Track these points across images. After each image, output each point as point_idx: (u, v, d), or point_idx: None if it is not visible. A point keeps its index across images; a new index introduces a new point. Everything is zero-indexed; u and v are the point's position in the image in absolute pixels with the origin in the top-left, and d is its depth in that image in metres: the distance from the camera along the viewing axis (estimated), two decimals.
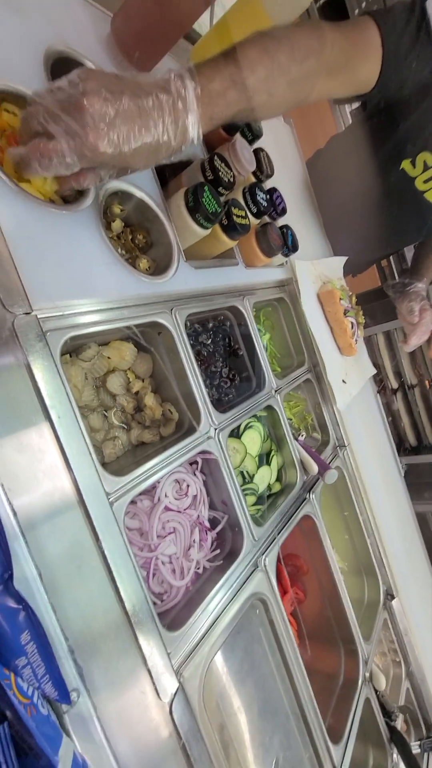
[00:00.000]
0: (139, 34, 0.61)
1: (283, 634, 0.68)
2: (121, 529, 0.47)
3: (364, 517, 1.05)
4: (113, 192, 0.59)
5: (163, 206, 0.65)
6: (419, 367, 2.14)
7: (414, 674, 1.09)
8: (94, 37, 0.61)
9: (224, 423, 0.68)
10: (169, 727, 0.46)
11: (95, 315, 0.51)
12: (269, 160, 0.89)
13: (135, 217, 0.67)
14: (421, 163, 0.95)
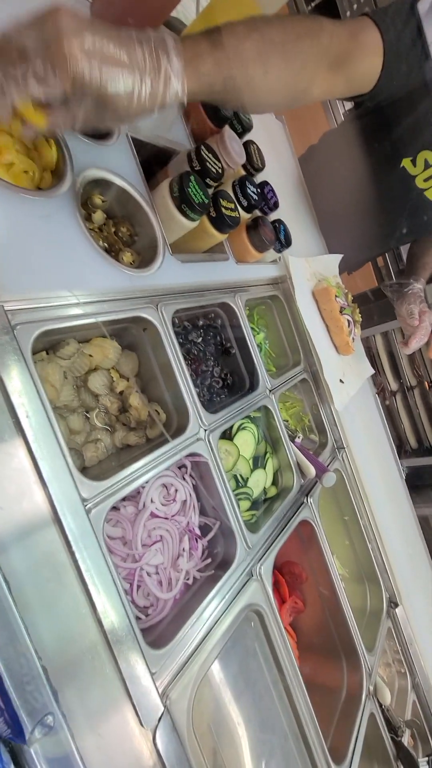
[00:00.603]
0: (119, 19, 0.59)
1: (281, 647, 0.64)
2: (99, 538, 0.43)
3: (364, 522, 1.01)
4: (92, 180, 0.56)
5: (147, 197, 0.62)
6: (418, 368, 2.12)
7: (420, 686, 1.05)
8: None
9: (215, 424, 0.65)
10: (153, 757, 0.42)
11: (71, 309, 0.48)
12: (260, 154, 0.86)
13: (118, 209, 0.64)
14: (422, 162, 0.95)
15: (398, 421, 2.16)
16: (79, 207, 0.52)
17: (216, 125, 0.77)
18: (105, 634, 0.41)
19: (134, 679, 0.42)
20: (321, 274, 1.08)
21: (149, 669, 0.44)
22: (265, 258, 0.90)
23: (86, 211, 0.59)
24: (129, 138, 0.62)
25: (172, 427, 0.62)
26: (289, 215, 1.00)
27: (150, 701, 0.43)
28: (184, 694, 0.47)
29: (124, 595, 0.44)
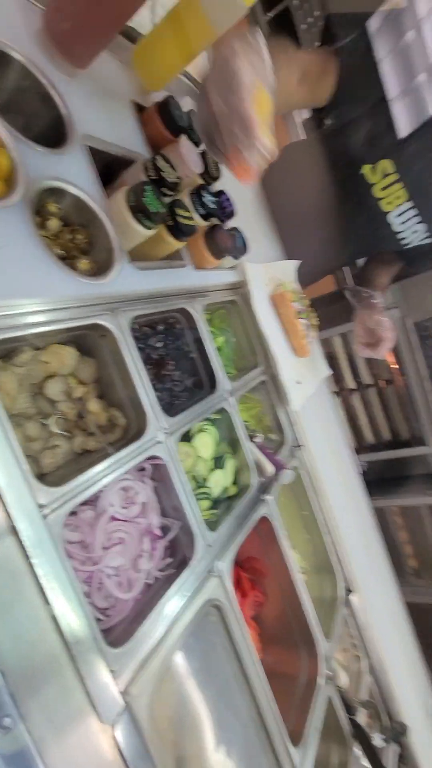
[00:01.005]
0: (71, 29, 0.59)
1: (241, 640, 0.67)
2: (57, 543, 0.44)
3: (322, 516, 1.06)
4: (47, 188, 0.56)
5: (103, 205, 0.63)
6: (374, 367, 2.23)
7: (375, 668, 1.12)
8: (24, 30, 0.59)
9: (174, 427, 0.67)
10: (114, 752, 0.43)
11: (26, 317, 0.48)
12: (216, 163, 0.89)
13: (75, 217, 0.64)
14: (381, 171, 0.98)
15: (356, 419, 2.27)
16: (33, 215, 0.52)
17: (173, 134, 0.79)
18: (63, 637, 0.42)
19: (94, 679, 0.43)
20: (278, 279, 1.13)
21: (109, 667, 0.46)
22: (224, 264, 0.93)
23: (41, 219, 0.59)
24: (84, 146, 0.63)
25: (132, 431, 0.64)
26: (246, 223, 1.04)
27: (110, 698, 0.44)
28: (145, 690, 0.49)
29: (83, 598, 0.45)
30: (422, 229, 1.04)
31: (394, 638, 1.29)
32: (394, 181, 0.98)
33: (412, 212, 1.02)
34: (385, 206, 1.03)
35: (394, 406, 2.15)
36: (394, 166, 0.96)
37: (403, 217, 1.03)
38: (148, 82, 0.79)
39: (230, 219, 0.91)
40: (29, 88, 0.59)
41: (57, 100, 0.61)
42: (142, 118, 0.78)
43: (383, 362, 2.11)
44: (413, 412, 2.03)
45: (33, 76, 0.59)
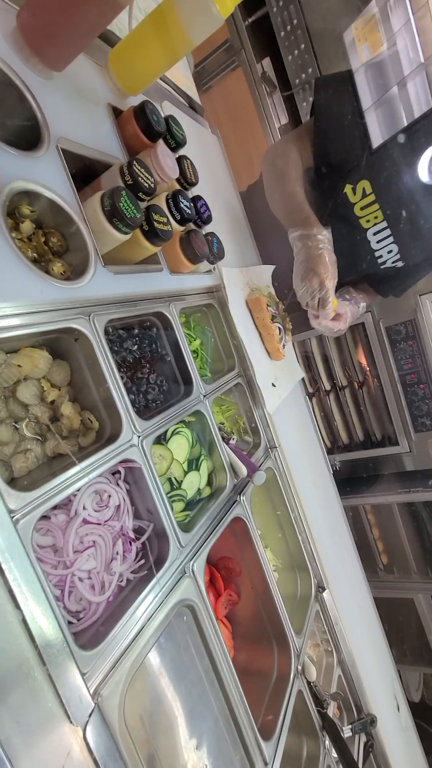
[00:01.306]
0: (46, 32, 0.59)
1: (213, 638, 0.68)
2: (28, 548, 0.44)
3: (295, 515, 1.09)
4: (20, 191, 0.56)
5: (78, 209, 0.63)
6: (349, 369, 2.29)
7: (345, 661, 1.15)
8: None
9: (148, 430, 0.67)
10: (84, 752, 0.44)
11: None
12: (193, 169, 0.90)
13: (49, 220, 0.64)
14: (361, 190, 1.04)
15: (331, 419, 2.33)
16: (5, 218, 0.52)
17: (149, 139, 0.80)
18: (34, 641, 0.42)
19: (64, 682, 0.44)
20: (254, 284, 1.15)
21: (80, 670, 0.46)
22: (200, 268, 0.94)
23: (13, 221, 0.58)
24: (59, 149, 0.63)
25: (105, 434, 0.64)
26: (222, 228, 1.05)
27: (80, 700, 0.45)
28: (116, 690, 0.50)
29: (54, 602, 0.45)
30: (395, 249, 1.10)
31: (364, 632, 1.34)
32: (371, 202, 1.04)
33: (387, 232, 1.07)
34: (364, 224, 1.08)
35: (368, 407, 2.21)
36: (372, 187, 1.01)
37: (379, 236, 1.09)
38: (125, 85, 0.79)
39: (207, 224, 0.93)
40: (2, 90, 0.59)
41: (31, 102, 0.61)
42: (118, 122, 0.79)
43: (358, 364, 2.18)
44: (386, 413, 2.11)
45: (6, 77, 0.58)
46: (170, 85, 1.11)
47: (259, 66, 2.03)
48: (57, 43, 0.61)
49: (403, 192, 1.02)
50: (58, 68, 0.65)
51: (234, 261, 1.10)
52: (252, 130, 2.07)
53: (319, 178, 1.11)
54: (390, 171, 1.00)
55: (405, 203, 1.03)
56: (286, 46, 1.95)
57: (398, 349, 1.95)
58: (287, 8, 1.91)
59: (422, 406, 1.98)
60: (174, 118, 0.85)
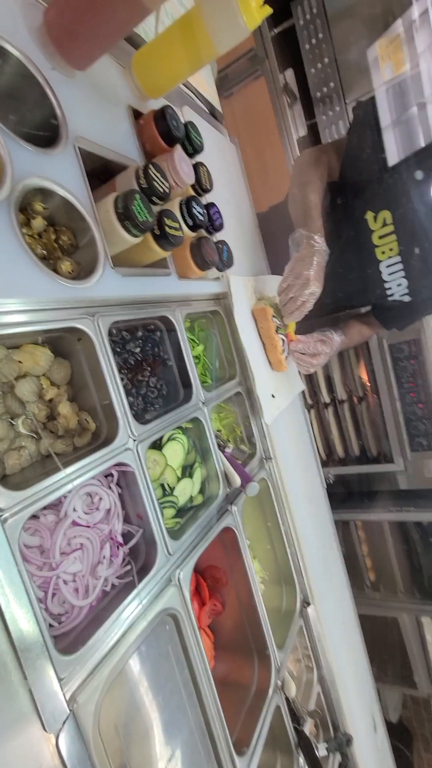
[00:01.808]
0: (72, 31, 0.59)
1: (194, 649, 0.68)
2: (14, 548, 0.43)
3: (285, 528, 1.08)
4: (34, 188, 0.56)
5: (90, 208, 0.63)
6: (349, 384, 2.29)
7: (325, 678, 1.14)
8: (23, 26, 0.58)
9: (144, 434, 0.67)
10: (56, 760, 0.43)
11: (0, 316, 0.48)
12: (209, 175, 0.90)
13: (61, 217, 0.64)
14: (382, 220, 1.07)
15: (329, 432, 2.32)
16: (17, 213, 0.52)
17: (167, 144, 0.80)
18: (12, 643, 0.41)
19: (41, 686, 0.43)
20: (261, 293, 1.15)
21: (57, 675, 0.46)
22: (208, 275, 0.94)
23: (25, 217, 0.58)
24: (76, 148, 0.63)
25: (101, 436, 0.64)
26: (234, 236, 1.06)
27: (55, 706, 0.44)
28: (92, 698, 0.49)
29: (36, 604, 0.45)
30: (405, 284, 1.11)
31: (346, 650, 1.33)
32: (390, 232, 1.05)
33: (399, 266, 1.09)
34: (379, 254, 1.10)
35: (366, 422, 2.21)
36: (393, 219, 1.03)
37: (391, 268, 1.11)
38: (147, 88, 0.79)
39: (219, 232, 0.93)
40: (25, 85, 0.59)
41: (52, 100, 0.61)
42: (137, 124, 0.79)
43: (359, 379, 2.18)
44: (383, 430, 2.10)
45: (29, 73, 0.58)
46: (192, 90, 1.11)
47: (281, 77, 2.04)
48: (82, 43, 0.61)
49: (421, 228, 1.03)
50: (81, 67, 0.65)
51: (243, 270, 1.10)
52: (269, 139, 2.08)
53: (342, 194, 1.12)
54: (412, 206, 1.02)
55: (421, 240, 1.04)
56: (310, 59, 1.96)
57: (400, 367, 1.95)
58: (314, 22, 1.92)
59: (420, 425, 1.98)
60: (193, 124, 0.85)
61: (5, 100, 0.58)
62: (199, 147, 0.87)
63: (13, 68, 0.57)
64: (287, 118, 2.06)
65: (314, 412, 2.31)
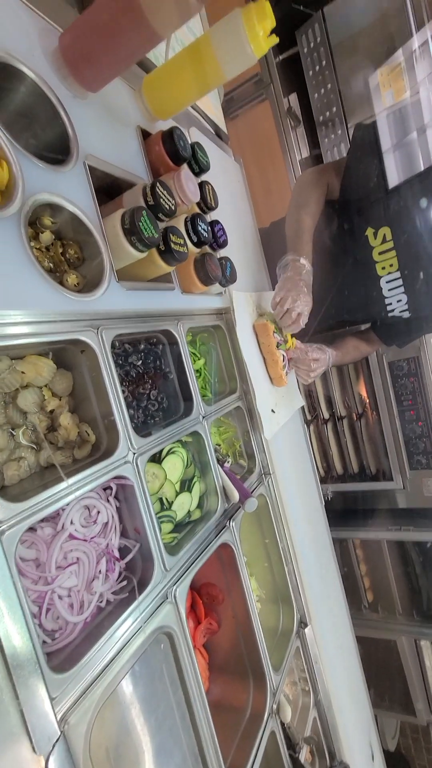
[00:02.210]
0: (87, 55, 0.62)
1: (188, 669, 0.66)
2: (11, 560, 0.43)
3: (283, 544, 1.07)
4: (44, 203, 0.57)
5: (98, 223, 0.64)
6: (349, 400, 2.29)
7: (321, 703, 1.11)
8: (39, 49, 0.60)
9: (144, 447, 0.67)
10: None
11: (6, 328, 0.48)
12: (214, 194, 0.92)
13: (68, 232, 0.65)
14: (381, 236, 1.10)
15: (327, 448, 2.31)
16: (26, 227, 0.53)
17: (174, 163, 0.82)
18: (5, 659, 0.41)
19: (32, 705, 0.42)
20: (262, 309, 1.16)
21: (49, 694, 0.45)
22: (211, 290, 0.95)
23: (34, 231, 0.59)
24: (86, 166, 0.65)
25: (101, 448, 0.63)
26: (237, 253, 1.07)
27: (46, 727, 0.43)
28: (84, 719, 0.48)
29: (30, 619, 0.44)
30: (404, 300, 1.13)
31: (343, 674, 1.30)
32: (389, 249, 1.08)
33: (399, 282, 1.11)
34: (380, 270, 1.12)
35: (365, 439, 2.21)
36: (392, 235, 1.06)
37: (391, 284, 1.13)
38: (157, 110, 0.82)
39: (222, 248, 0.94)
40: (38, 105, 0.61)
41: (64, 119, 0.62)
42: (146, 144, 0.81)
43: (358, 396, 2.18)
44: (382, 447, 2.09)
45: (43, 94, 0.60)
46: (199, 112, 1.15)
47: (285, 100, 2.10)
48: (95, 67, 0.63)
49: (420, 245, 1.06)
50: (93, 89, 0.67)
51: (246, 286, 1.11)
52: (273, 160, 2.13)
53: (343, 212, 1.15)
54: (411, 222, 1.05)
55: (420, 256, 1.07)
56: (313, 85, 2.03)
57: (399, 384, 1.95)
58: (317, 50, 1.99)
59: (419, 443, 1.98)
60: (200, 144, 0.87)
61: (19, 118, 0.60)
62: (205, 167, 0.89)
63: (28, 89, 0.59)
64: (290, 140, 2.11)
65: (313, 427, 2.30)
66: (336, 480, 2.33)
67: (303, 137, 2.11)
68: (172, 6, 0.56)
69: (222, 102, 1.44)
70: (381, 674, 2.21)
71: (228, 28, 0.67)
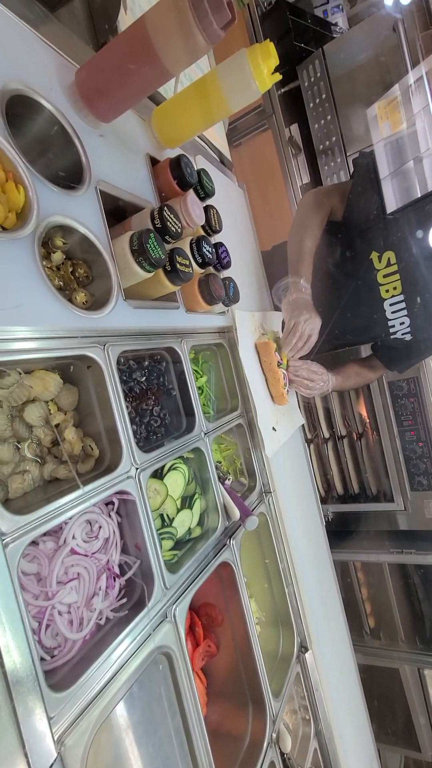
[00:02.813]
0: (101, 89, 0.65)
1: (187, 692, 0.65)
2: (13, 574, 0.43)
3: (283, 565, 1.06)
4: (57, 225, 0.59)
5: (107, 245, 0.67)
6: (349, 419, 2.30)
7: (322, 733, 1.08)
8: (57, 84, 0.64)
9: (147, 463, 0.67)
10: None
11: (16, 343, 0.50)
12: (218, 217, 0.96)
13: (78, 252, 0.67)
14: (386, 260, 1.14)
15: (327, 468, 2.30)
16: (39, 247, 0.55)
17: (181, 189, 0.85)
18: (5, 675, 0.40)
19: (30, 724, 0.41)
20: (264, 328, 1.18)
21: (47, 713, 0.44)
22: (214, 309, 0.98)
23: (46, 251, 0.62)
24: (97, 190, 0.67)
25: (104, 463, 0.64)
26: (240, 274, 1.10)
27: (43, 747, 0.42)
28: (81, 741, 0.47)
29: (31, 635, 0.44)
30: (407, 323, 1.16)
31: (344, 702, 1.26)
32: (394, 272, 1.12)
33: (402, 305, 1.14)
34: (383, 293, 1.16)
35: (365, 459, 2.20)
36: (396, 259, 1.10)
37: (394, 307, 1.17)
38: (165, 140, 0.86)
39: (226, 269, 0.97)
40: (55, 134, 0.64)
41: (78, 147, 0.66)
42: (154, 170, 0.85)
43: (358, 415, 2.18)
44: (383, 468, 2.08)
45: (59, 124, 0.64)
46: (205, 141, 1.20)
47: (287, 130, 2.19)
48: (109, 100, 0.67)
49: (423, 270, 1.10)
50: (106, 120, 0.71)
51: (248, 305, 1.14)
52: (275, 186, 2.20)
53: (348, 235, 1.20)
54: (414, 248, 1.09)
55: (423, 281, 1.10)
56: (313, 116, 2.12)
57: (399, 404, 1.96)
58: (318, 84, 2.09)
59: (420, 464, 1.97)
60: (206, 171, 0.91)
61: (37, 145, 0.63)
62: (210, 192, 0.92)
63: (46, 119, 0.63)
64: (292, 167, 2.19)
65: (313, 446, 2.30)
66: (336, 500, 2.31)
67: (304, 165, 2.19)
68: (183, 46, 0.60)
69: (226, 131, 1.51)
70: (383, 705, 2.13)
71: (234, 65, 0.72)
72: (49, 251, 0.62)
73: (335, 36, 2.32)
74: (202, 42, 0.59)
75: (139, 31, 0.60)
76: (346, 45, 2.04)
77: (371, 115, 2.02)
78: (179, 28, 0.57)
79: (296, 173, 2.20)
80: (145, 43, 0.60)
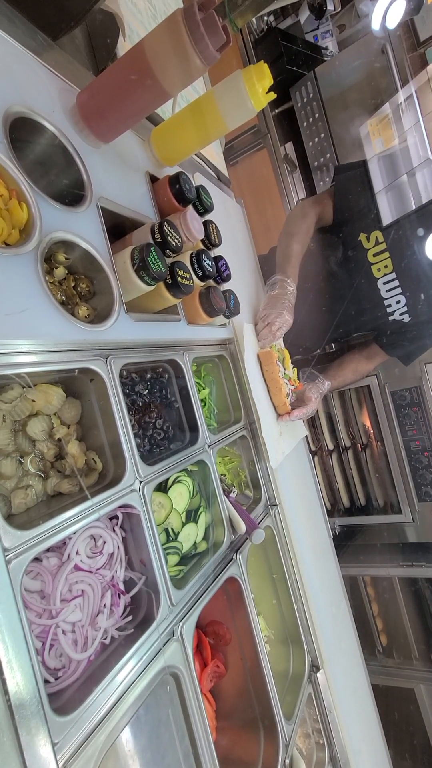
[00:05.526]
0: (102, 111, 0.67)
1: (196, 715, 0.62)
2: (16, 591, 0.42)
3: (291, 580, 1.03)
4: (59, 241, 0.60)
5: (109, 259, 0.68)
6: (353, 430, 2.28)
7: (337, 758, 1.03)
8: (59, 106, 0.66)
9: (151, 476, 0.67)
10: None
11: (19, 356, 0.50)
12: (218, 232, 0.97)
13: (80, 266, 0.68)
14: (374, 239, 1.20)
15: (333, 480, 2.27)
16: (42, 263, 0.56)
17: (180, 204, 0.87)
18: (8, 699, 0.39)
19: (33, 751, 0.40)
20: None
21: (51, 739, 0.42)
22: (215, 321, 0.98)
23: (48, 266, 0.63)
24: (98, 207, 0.69)
25: (108, 476, 0.63)
26: (240, 286, 1.11)
27: None
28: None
29: (34, 656, 0.42)
30: (403, 301, 1.18)
31: (360, 725, 1.21)
32: (383, 250, 1.16)
33: (396, 283, 1.17)
34: (376, 272, 1.19)
35: (371, 470, 2.17)
36: (383, 237, 1.14)
37: (388, 285, 1.20)
38: (164, 158, 0.88)
39: (226, 282, 0.98)
40: (57, 154, 0.66)
41: (80, 166, 0.67)
42: (154, 187, 0.86)
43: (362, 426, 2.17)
44: (389, 479, 2.06)
45: (61, 144, 0.65)
46: (203, 159, 1.23)
47: (282, 149, 2.25)
48: (109, 121, 0.69)
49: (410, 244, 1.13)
50: (106, 140, 0.73)
51: (248, 316, 1.15)
52: (271, 202, 2.25)
53: (339, 227, 1.26)
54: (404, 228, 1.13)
55: (412, 256, 1.13)
56: (307, 135, 2.18)
57: (403, 414, 1.95)
58: (311, 104, 2.15)
59: (426, 475, 1.94)
60: (204, 188, 0.93)
61: (39, 166, 0.65)
62: (209, 207, 0.94)
63: (48, 140, 0.64)
64: (288, 184, 2.24)
65: (318, 459, 2.27)
66: (343, 513, 2.27)
67: (299, 181, 2.25)
68: (181, 68, 0.62)
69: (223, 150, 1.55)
70: (400, 727, 2.05)
71: (230, 85, 0.74)
72: (51, 266, 0.63)
73: (326, 59, 2.40)
74: (199, 63, 0.61)
75: (138, 54, 0.62)
76: (337, 67, 2.11)
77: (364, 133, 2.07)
78: (177, 50, 0.59)
79: (292, 189, 2.25)
80: (143, 66, 0.62)
